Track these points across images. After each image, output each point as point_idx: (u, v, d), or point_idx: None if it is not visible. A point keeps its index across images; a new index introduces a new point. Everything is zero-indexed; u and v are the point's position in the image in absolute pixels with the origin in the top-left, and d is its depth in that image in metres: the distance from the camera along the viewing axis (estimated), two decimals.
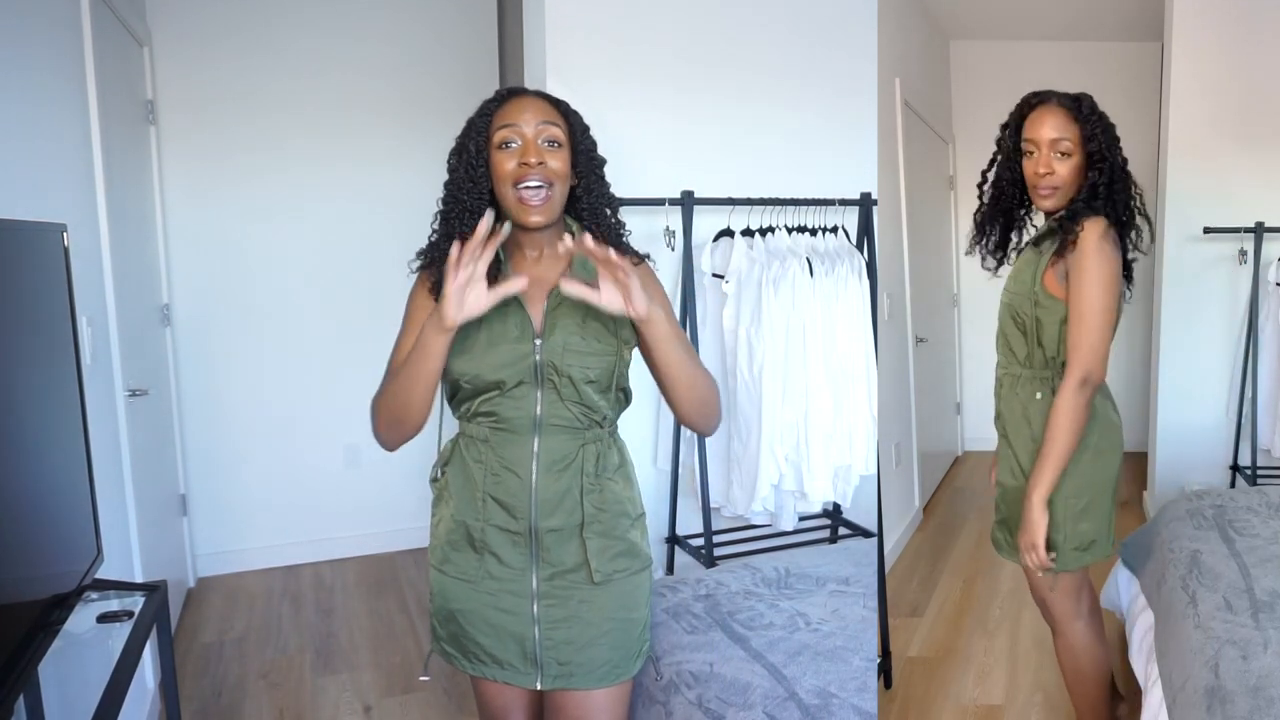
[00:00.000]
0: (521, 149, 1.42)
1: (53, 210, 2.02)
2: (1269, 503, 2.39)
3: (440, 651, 1.63)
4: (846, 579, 2.11)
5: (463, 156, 1.46)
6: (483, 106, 1.49)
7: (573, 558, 1.51)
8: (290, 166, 3.76)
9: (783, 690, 1.61)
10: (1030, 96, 1.83)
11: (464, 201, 1.46)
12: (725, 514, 2.82)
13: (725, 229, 2.72)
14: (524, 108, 1.45)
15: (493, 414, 1.48)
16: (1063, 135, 1.76)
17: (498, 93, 1.51)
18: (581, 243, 1.33)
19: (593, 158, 1.51)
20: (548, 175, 1.43)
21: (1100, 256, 1.69)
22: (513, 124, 1.43)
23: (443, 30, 3.92)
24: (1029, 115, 1.82)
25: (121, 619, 1.68)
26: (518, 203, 1.43)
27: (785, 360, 2.61)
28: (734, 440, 2.72)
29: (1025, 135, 1.81)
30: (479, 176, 1.45)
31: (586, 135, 1.51)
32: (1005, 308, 1.88)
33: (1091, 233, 1.70)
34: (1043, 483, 1.74)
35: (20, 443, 1.37)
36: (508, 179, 1.43)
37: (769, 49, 2.79)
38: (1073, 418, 1.72)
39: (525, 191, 1.42)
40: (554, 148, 1.44)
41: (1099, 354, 1.70)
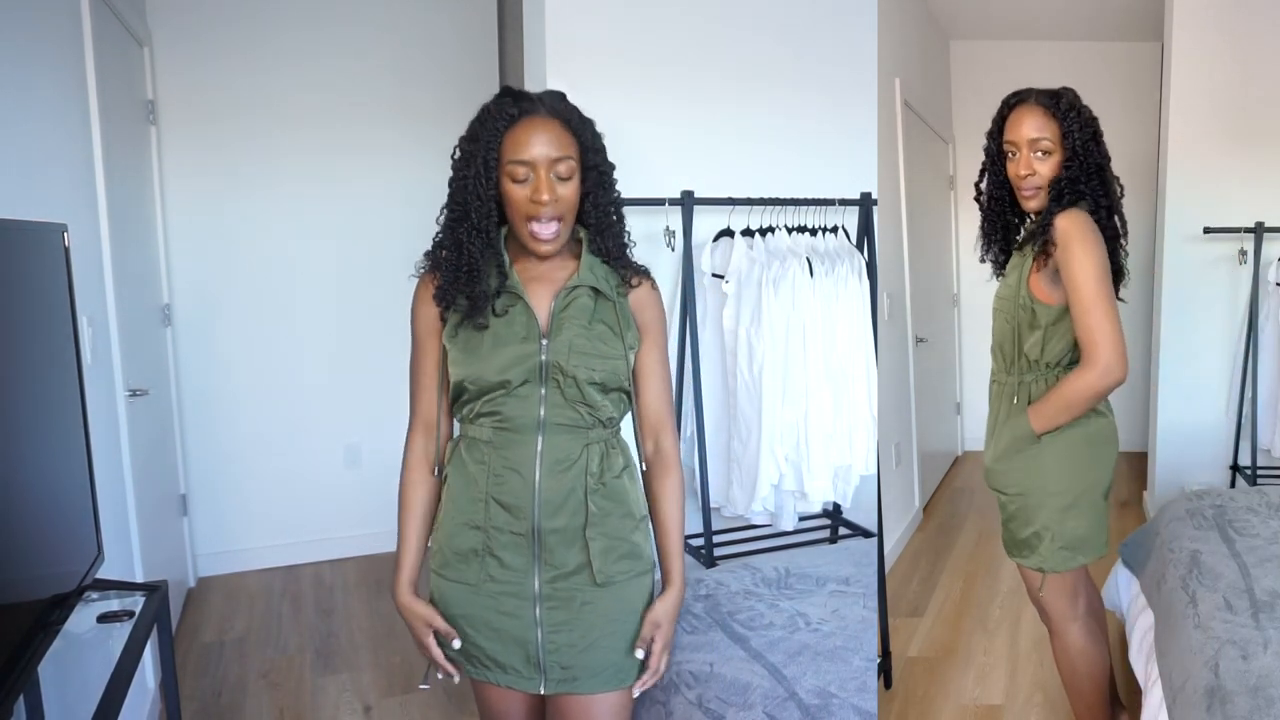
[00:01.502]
0: (534, 186, 1.41)
1: (53, 210, 2.02)
2: (1269, 503, 2.39)
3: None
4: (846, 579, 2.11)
5: (470, 170, 1.43)
6: (491, 122, 1.42)
7: (575, 559, 1.51)
8: (291, 166, 3.75)
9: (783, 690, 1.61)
10: (1009, 97, 1.82)
11: (473, 220, 1.44)
12: (725, 514, 2.82)
13: (725, 229, 2.72)
14: (536, 139, 1.40)
15: (496, 413, 1.48)
16: (1041, 134, 1.75)
17: (503, 102, 1.43)
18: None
19: (603, 174, 1.49)
20: (559, 211, 1.43)
21: (1085, 245, 1.65)
22: (525, 160, 1.40)
23: (442, 28, 3.91)
24: (1009, 117, 1.80)
25: (122, 619, 1.68)
26: (530, 236, 1.44)
27: (785, 360, 2.61)
28: (734, 440, 2.72)
29: (1006, 137, 1.80)
30: (488, 197, 1.43)
31: (598, 153, 1.48)
32: (995, 314, 1.87)
33: (1070, 224, 1.67)
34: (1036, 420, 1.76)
35: (21, 443, 1.37)
36: (520, 211, 1.42)
37: (769, 48, 2.79)
38: (1072, 399, 1.70)
39: (536, 226, 1.42)
40: (565, 179, 1.43)
41: (1114, 343, 1.62)
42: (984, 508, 4.24)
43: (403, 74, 3.86)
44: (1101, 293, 1.63)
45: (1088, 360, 1.65)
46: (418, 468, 1.61)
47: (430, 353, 1.56)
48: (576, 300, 1.49)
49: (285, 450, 3.88)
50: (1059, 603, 1.93)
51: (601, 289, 1.51)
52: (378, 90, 3.83)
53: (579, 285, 1.49)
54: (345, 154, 3.82)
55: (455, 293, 1.47)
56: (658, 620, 1.55)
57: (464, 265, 1.46)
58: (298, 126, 3.74)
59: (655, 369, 1.59)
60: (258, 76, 3.67)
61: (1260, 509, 2.34)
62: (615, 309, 1.51)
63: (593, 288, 1.50)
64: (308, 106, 3.75)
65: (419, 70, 3.88)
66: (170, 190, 3.58)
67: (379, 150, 3.85)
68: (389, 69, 3.85)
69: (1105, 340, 1.62)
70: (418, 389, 1.60)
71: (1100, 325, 1.62)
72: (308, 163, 3.77)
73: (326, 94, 3.77)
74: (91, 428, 1.75)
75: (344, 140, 3.81)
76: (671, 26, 2.67)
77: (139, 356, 2.91)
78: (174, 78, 3.54)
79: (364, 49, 3.81)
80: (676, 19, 2.68)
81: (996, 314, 1.86)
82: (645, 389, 1.59)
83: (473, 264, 1.45)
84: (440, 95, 3.88)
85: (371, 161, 3.85)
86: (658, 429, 1.61)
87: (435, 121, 3.84)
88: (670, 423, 1.62)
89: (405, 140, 3.85)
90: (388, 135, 3.86)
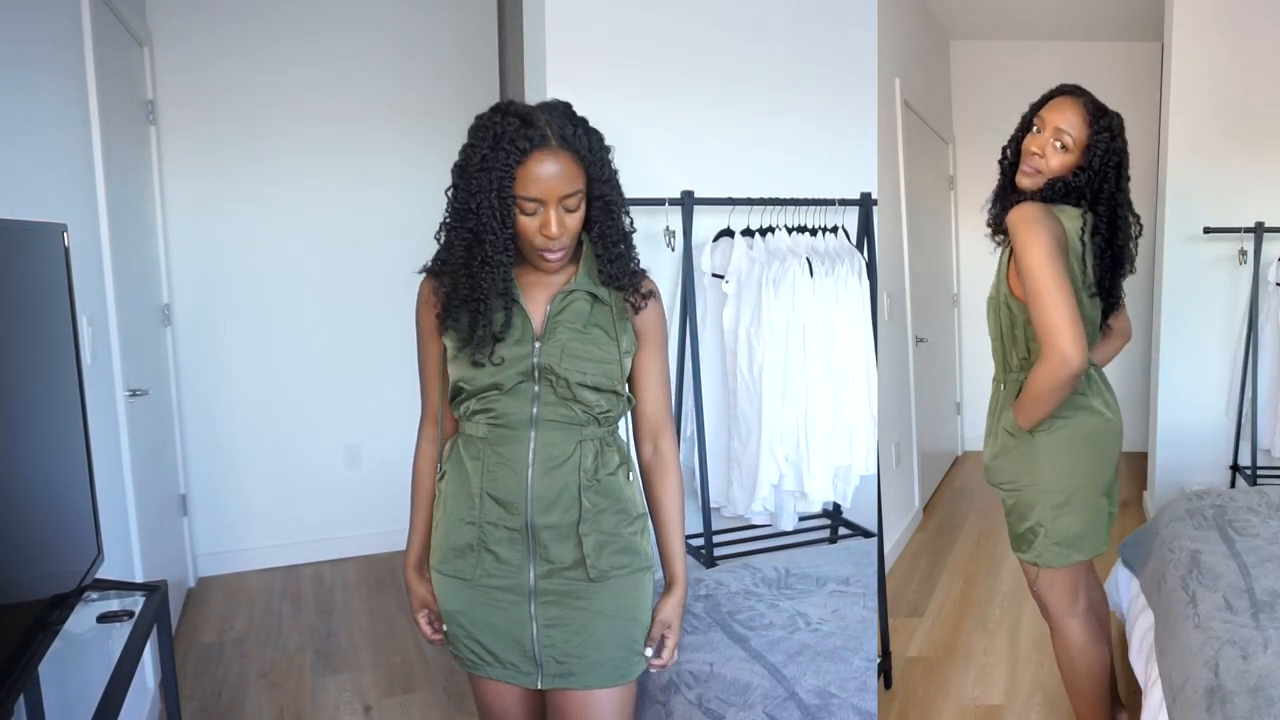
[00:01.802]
0: (542, 219, 1.41)
1: (53, 210, 2.02)
2: (1269, 503, 2.39)
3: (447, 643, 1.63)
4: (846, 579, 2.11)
5: (485, 203, 1.39)
6: (503, 154, 1.37)
7: (569, 555, 1.51)
8: (290, 166, 3.76)
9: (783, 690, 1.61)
10: (1065, 85, 1.82)
11: (487, 253, 1.41)
12: (725, 514, 2.82)
13: (725, 229, 2.72)
14: (546, 175, 1.39)
15: (489, 410, 1.49)
16: (1069, 129, 1.74)
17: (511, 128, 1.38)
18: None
19: (609, 204, 1.48)
20: (566, 241, 1.44)
21: (1030, 232, 1.63)
22: (536, 198, 1.39)
23: (443, 29, 3.92)
24: (1055, 99, 1.80)
25: (121, 619, 1.68)
26: (538, 258, 1.45)
27: (785, 360, 2.61)
28: (734, 440, 2.72)
29: (1040, 112, 1.80)
30: (505, 235, 1.41)
31: (606, 184, 1.47)
32: (987, 314, 1.87)
33: (1016, 215, 1.67)
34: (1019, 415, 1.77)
35: (21, 442, 1.37)
36: (531, 241, 1.43)
37: (769, 48, 2.79)
38: (1038, 392, 1.68)
39: (544, 252, 1.44)
40: (573, 211, 1.44)
41: (1065, 331, 1.57)
42: (984, 508, 4.24)
43: (403, 75, 3.86)
44: (1049, 280, 1.59)
45: (1043, 351, 1.62)
46: (426, 456, 1.65)
47: (432, 352, 1.58)
48: (573, 304, 1.50)
49: (285, 450, 3.88)
50: (1058, 599, 1.94)
51: (598, 294, 1.51)
52: (378, 91, 3.84)
53: (575, 289, 1.50)
54: (345, 154, 3.82)
55: (461, 315, 1.46)
56: (668, 620, 1.58)
57: (474, 298, 1.44)
58: (298, 127, 3.74)
59: (654, 373, 1.60)
60: (258, 77, 3.67)
61: (1260, 509, 2.34)
62: (611, 313, 1.52)
63: (589, 292, 1.51)
64: (308, 107, 3.75)
65: (419, 71, 3.88)
66: (170, 190, 3.58)
67: (379, 151, 3.86)
68: (389, 70, 3.85)
69: (1056, 329, 1.58)
70: (424, 383, 1.64)
71: (1049, 314, 1.58)
72: (308, 163, 3.77)
73: (327, 94, 3.77)
74: (91, 428, 1.75)
75: (344, 140, 3.81)
76: (671, 27, 2.67)
77: (139, 356, 2.91)
78: (174, 78, 3.54)
79: (364, 50, 3.81)
80: (676, 19, 2.68)
81: (987, 314, 1.87)
82: (644, 393, 1.59)
83: (482, 299, 1.44)
84: (440, 96, 3.88)
85: (372, 162, 3.85)
86: (656, 432, 1.61)
87: (435, 123, 3.84)
88: (669, 425, 1.63)
89: (405, 141, 3.85)
90: (388, 136, 3.86)
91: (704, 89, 2.73)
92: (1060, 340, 1.58)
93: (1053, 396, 1.68)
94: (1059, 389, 1.65)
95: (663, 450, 1.62)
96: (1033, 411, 1.74)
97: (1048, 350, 1.61)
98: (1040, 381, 1.66)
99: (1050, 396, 1.68)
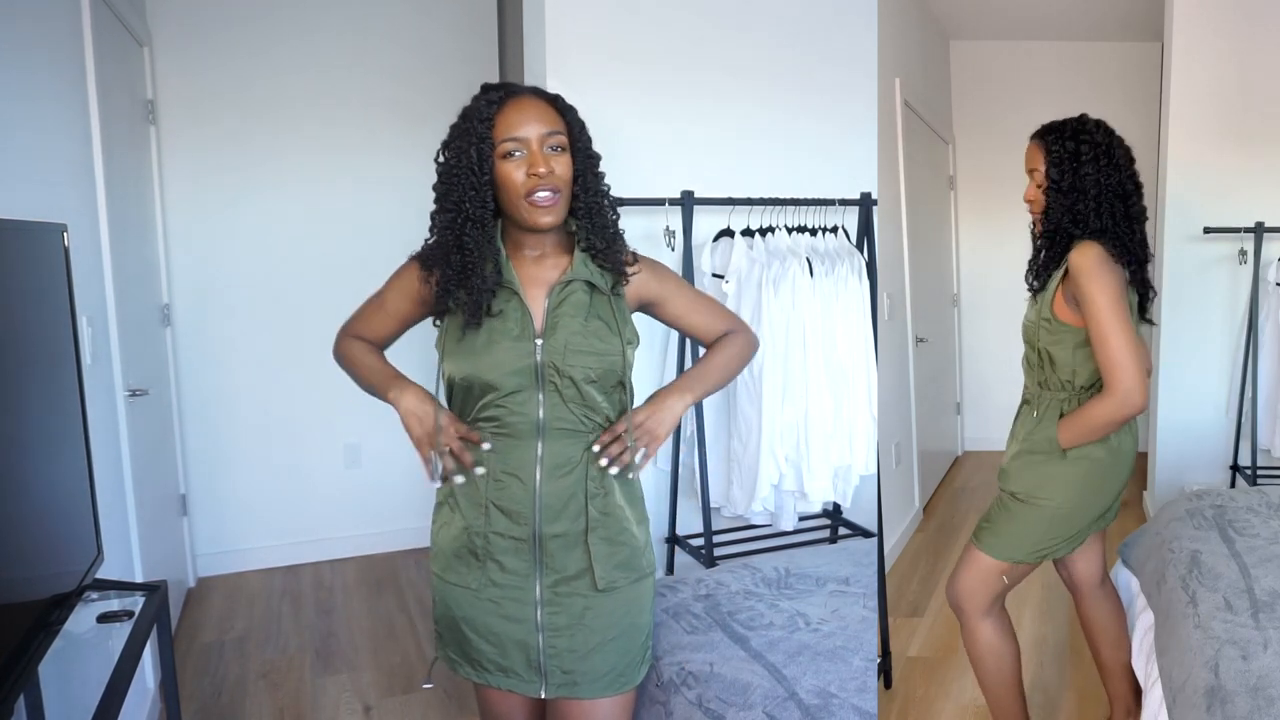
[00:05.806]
0: (528, 159, 1.41)
1: (53, 210, 2.02)
2: (1269, 503, 2.38)
3: (445, 658, 1.62)
4: (846, 579, 2.11)
5: (463, 161, 1.42)
6: (479, 109, 1.43)
7: (576, 564, 1.51)
8: (291, 166, 3.76)
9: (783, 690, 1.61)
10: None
11: (467, 210, 1.43)
12: (725, 514, 2.82)
13: (725, 229, 2.72)
14: (526, 116, 1.42)
15: (495, 419, 1.47)
16: (1033, 166, 1.83)
17: (489, 92, 1.45)
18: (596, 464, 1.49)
19: (590, 155, 1.49)
20: (556, 183, 1.42)
21: (1096, 279, 1.69)
22: (518, 137, 1.41)
23: (443, 29, 3.92)
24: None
25: (121, 619, 1.68)
26: (530, 207, 1.42)
27: (785, 360, 2.61)
28: (734, 440, 2.72)
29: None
30: (483, 184, 1.42)
31: (584, 132, 1.49)
32: (1024, 339, 1.92)
33: (1081, 258, 1.72)
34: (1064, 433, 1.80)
35: (20, 443, 1.37)
36: (518, 191, 1.42)
37: (769, 48, 2.79)
38: (1094, 423, 1.75)
39: (537, 196, 1.42)
40: (558, 152, 1.43)
41: (1131, 373, 1.66)
42: (984, 508, 4.23)
43: (402, 75, 3.86)
44: (1115, 324, 1.67)
45: (1107, 388, 1.70)
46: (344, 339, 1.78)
47: (391, 313, 1.67)
48: (572, 296, 1.48)
49: (285, 450, 3.88)
50: (978, 593, 1.96)
51: (596, 283, 1.50)
52: (378, 91, 3.84)
53: (574, 280, 1.49)
54: (345, 154, 3.82)
55: (455, 287, 1.46)
56: (639, 421, 1.51)
57: (464, 260, 1.44)
58: (298, 127, 3.74)
59: (687, 305, 1.66)
60: (258, 77, 3.67)
61: (1260, 509, 2.34)
62: (610, 304, 1.51)
63: (587, 282, 1.49)
64: (308, 107, 3.75)
65: (419, 71, 3.88)
66: (170, 190, 3.58)
67: (379, 150, 3.85)
68: (389, 70, 3.85)
69: (1121, 370, 1.67)
70: (366, 314, 1.75)
71: (1116, 355, 1.67)
72: (308, 163, 3.77)
73: (327, 94, 3.77)
74: (91, 428, 1.75)
75: (344, 140, 3.81)
76: (671, 27, 2.67)
77: (139, 356, 2.91)
78: (174, 78, 3.54)
79: (364, 50, 3.81)
80: (676, 19, 2.68)
81: (1025, 340, 1.91)
82: (696, 328, 1.67)
83: (471, 258, 1.44)
84: (440, 97, 3.87)
85: (371, 161, 3.85)
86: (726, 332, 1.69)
87: (435, 123, 3.77)
88: (735, 322, 1.70)
89: (405, 141, 3.85)
90: (387, 136, 3.86)
91: (704, 89, 2.73)
92: (1128, 381, 1.67)
93: (1107, 430, 1.77)
94: (1115, 424, 1.75)
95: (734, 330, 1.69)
96: (1079, 439, 1.80)
97: (1113, 388, 1.68)
98: (1100, 415, 1.74)
99: (1105, 430, 1.77)
